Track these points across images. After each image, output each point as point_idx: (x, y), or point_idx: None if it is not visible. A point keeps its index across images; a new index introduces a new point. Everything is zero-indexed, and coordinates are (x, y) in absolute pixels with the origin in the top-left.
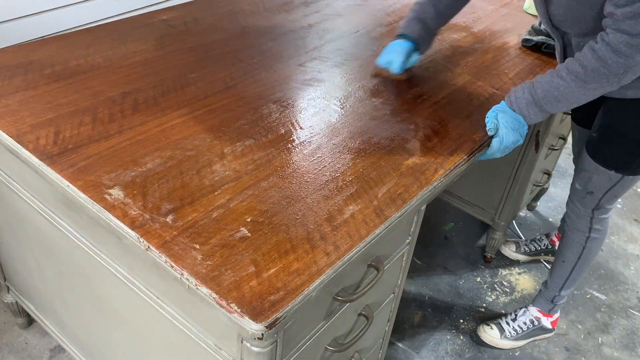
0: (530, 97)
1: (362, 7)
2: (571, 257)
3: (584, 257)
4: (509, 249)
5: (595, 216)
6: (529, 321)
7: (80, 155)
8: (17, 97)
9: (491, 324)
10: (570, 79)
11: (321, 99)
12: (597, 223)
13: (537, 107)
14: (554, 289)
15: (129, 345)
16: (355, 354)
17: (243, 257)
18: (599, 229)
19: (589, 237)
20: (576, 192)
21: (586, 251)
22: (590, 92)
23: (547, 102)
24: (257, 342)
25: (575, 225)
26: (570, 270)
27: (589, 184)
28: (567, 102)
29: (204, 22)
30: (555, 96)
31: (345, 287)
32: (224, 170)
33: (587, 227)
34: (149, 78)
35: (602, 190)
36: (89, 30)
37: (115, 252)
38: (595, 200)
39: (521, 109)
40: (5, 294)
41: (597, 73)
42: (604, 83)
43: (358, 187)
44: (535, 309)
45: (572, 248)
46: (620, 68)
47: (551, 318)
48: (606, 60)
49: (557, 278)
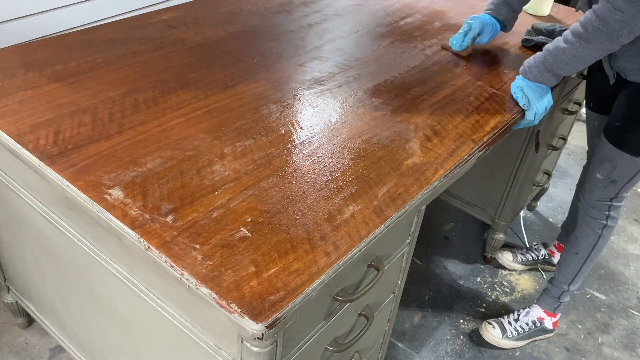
0: (542, 65)
1: (362, 7)
2: (586, 247)
3: (598, 247)
4: (506, 258)
5: (613, 204)
6: (532, 322)
7: (80, 155)
8: (17, 97)
9: (493, 322)
10: (575, 41)
11: (321, 99)
12: (614, 211)
13: (550, 72)
14: (564, 283)
15: (129, 345)
16: (355, 354)
17: (243, 257)
18: (614, 217)
19: (606, 225)
20: (597, 182)
21: (601, 240)
22: (595, 52)
23: (557, 66)
24: (257, 342)
25: (592, 214)
26: (583, 261)
27: (613, 173)
28: (576, 63)
29: (204, 22)
30: (564, 59)
31: (345, 287)
32: (224, 170)
33: (605, 215)
34: (149, 78)
35: (626, 179)
36: (89, 30)
37: (115, 252)
38: (617, 189)
39: (535, 77)
40: (5, 294)
41: (597, 32)
42: (604, 41)
43: (358, 187)
44: (539, 309)
45: (588, 237)
46: (618, 24)
47: (554, 318)
48: (604, 18)
49: (567, 272)
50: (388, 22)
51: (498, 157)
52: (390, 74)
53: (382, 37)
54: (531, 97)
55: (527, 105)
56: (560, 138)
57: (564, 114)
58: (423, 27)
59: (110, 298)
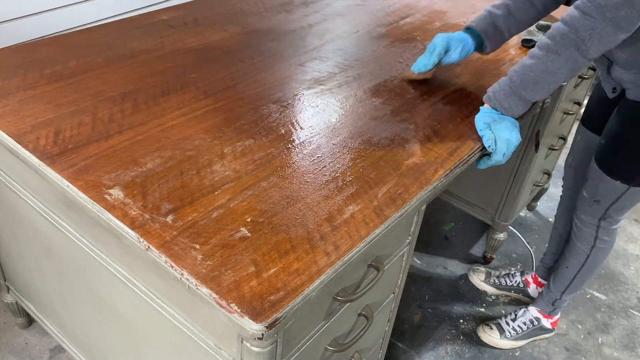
0: (508, 88)
1: (362, 7)
2: (575, 264)
3: (588, 266)
4: (477, 277)
5: (602, 226)
6: (529, 321)
7: (80, 155)
8: (17, 97)
9: (491, 324)
10: (542, 54)
11: (321, 99)
12: (604, 234)
13: (517, 96)
14: (556, 292)
15: (129, 345)
16: (355, 354)
17: (243, 257)
18: (605, 240)
19: (594, 247)
20: (583, 199)
21: (590, 260)
22: (566, 65)
23: (526, 87)
24: (257, 342)
25: (581, 233)
26: (573, 277)
27: (596, 193)
28: (545, 82)
29: (204, 22)
30: (532, 77)
31: (345, 287)
32: (224, 170)
33: (593, 236)
34: (149, 78)
35: (609, 200)
36: (89, 30)
37: (115, 252)
38: (601, 209)
39: (501, 102)
40: (5, 294)
41: (566, 39)
42: (573, 51)
43: (358, 187)
44: (535, 310)
45: (577, 256)
46: (587, 32)
47: (551, 319)
48: (573, 23)
49: (559, 282)
50: (388, 22)
51: None
52: (390, 74)
53: (382, 37)
54: (499, 136)
55: (493, 147)
56: (560, 138)
57: (564, 114)
58: (423, 27)
59: (110, 298)
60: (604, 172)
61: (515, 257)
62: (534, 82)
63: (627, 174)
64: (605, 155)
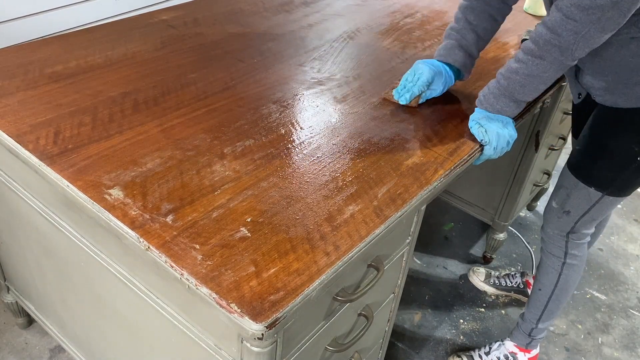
0: (497, 90)
1: (362, 7)
2: (547, 284)
3: (561, 286)
4: (477, 277)
5: (571, 240)
6: (504, 356)
7: (80, 155)
8: (17, 97)
9: (463, 356)
10: (527, 59)
11: (321, 99)
12: (574, 248)
13: (507, 97)
14: (531, 320)
15: (129, 345)
16: (355, 354)
17: (243, 257)
18: (575, 255)
19: (565, 263)
20: (552, 210)
21: (563, 279)
22: (551, 69)
23: (513, 89)
24: (257, 342)
25: (549, 249)
26: (547, 299)
27: (567, 203)
28: (532, 84)
29: (204, 22)
30: (519, 81)
31: (345, 287)
32: (224, 170)
33: (563, 251)
34: (149, 78)
35: (580, 211)
36: (89, 30)
37: (115, 252)
38: (571, 222)
39: (493, 105)
40: (5, 294)
41: (549, 45)
42: (558, 56)
43: (358, 187)
44: (511, 344)
45: (548, 275)
46: (571, 36)
47: (529, 354)
48: (556, 28)
49: (533, 308)
50: (388, 22)
51: (498, 157)
52: (390, 74)
53: (382, 37)
54: (489, 129)
55: (485, 140)
56: (560, 138)
57: (564, 114)
58: (423, 27)
59: (110, 298)
60: (579, 179)
61: (515, 257)
62: (520, 85)
63: (602, 181)
64: (580, 162)
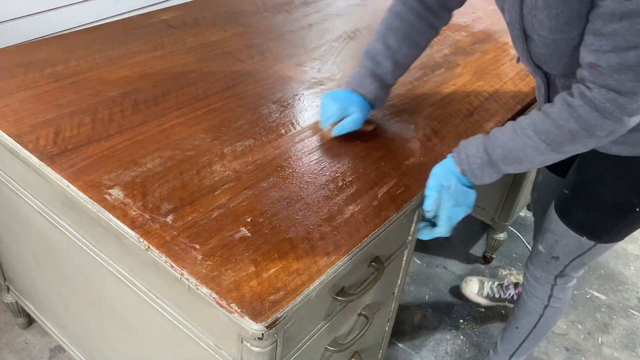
0: (486, 156)
1: (362, 7)
2: (526, 325)
3: (540, 328)
4: (470, 289)
5: (558, 284)
6: None
7: (80, 155)
8: (17, 97)
9: None
10: (540, 140)
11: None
12: (559, 292)
13: (493, 168)
14: (504, 355)
15: (129, 345)
16: (355, 354)
17: (243, 257)
18: (560, 298)
19: (548, 306)
20: (538, 254)
21: (543, 321)
22: (564, 155)
23: (506, 163)
24: (257, 342)
25: (533, 291)
26: (523, 339)
27: (555, 248)
28: (533, 164)
29: (204, 22)
30: (519, 158)
31: (345, 287)
32: (224, 170)
33: (547, 295)
34: (149, 78)
35: (570, 257)
36: (89, 30)
37: (115, 252)
38: (560, 266)
39: (473, 170)
40: (5, 294)
41: (576, 135)
42: (581, 145)
43: (358, 187)
44: None
45: (528, 316)
46: (605, 130)
47: None
48: (589, 121)
49: (507, 344)
50: None
51: None
52: None
53: None
54: (445, 207)
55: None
56: None
57: None
58: None
59: (110, 298)
60: (569, 227)
61: (515, 257)
62: (518, 162)
63: (596, 231)
64: (571, 209)
